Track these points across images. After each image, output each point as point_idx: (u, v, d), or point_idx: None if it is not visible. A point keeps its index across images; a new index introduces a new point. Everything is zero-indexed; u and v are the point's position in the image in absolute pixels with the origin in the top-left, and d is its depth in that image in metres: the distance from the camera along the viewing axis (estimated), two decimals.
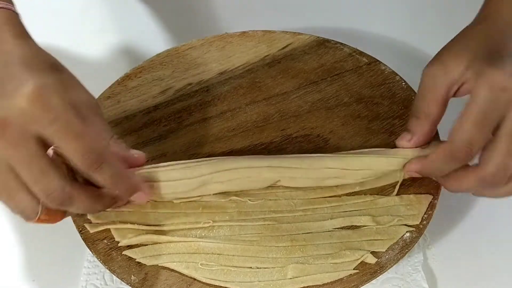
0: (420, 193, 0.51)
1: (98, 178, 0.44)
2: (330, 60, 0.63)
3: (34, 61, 0.43)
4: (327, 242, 0.49)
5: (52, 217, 0.45)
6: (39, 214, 0.43)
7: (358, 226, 0.50)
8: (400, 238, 0.49)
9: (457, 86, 0.47)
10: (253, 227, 0.50)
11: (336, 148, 0.55)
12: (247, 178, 0.50)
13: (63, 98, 0.41)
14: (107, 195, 0.46)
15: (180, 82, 0.62)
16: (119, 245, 0.49)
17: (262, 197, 0.52)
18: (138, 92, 0.62)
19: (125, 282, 0.48)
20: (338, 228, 0.50)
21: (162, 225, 0.50)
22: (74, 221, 0.51)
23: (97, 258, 0.49)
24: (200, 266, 0.48)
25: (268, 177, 0.50)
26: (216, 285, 0.47)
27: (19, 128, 0.40)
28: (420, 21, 0.74)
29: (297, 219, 0.50)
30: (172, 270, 0.48)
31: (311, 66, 0.63)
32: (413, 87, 0.58)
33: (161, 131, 0.58)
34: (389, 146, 0.52)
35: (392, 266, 0.48)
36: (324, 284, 0.47)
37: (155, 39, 0.73)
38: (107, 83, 0.62)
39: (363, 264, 0.48)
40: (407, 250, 0.48)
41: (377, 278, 0.48)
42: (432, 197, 0.50)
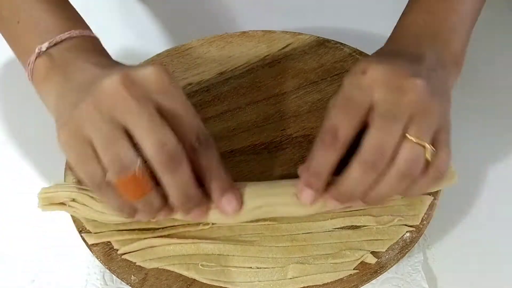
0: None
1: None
2: (330, 60, 0.63)
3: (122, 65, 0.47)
4: (327, 242, 0.49)
5: (137, 187, 0.42)
6: (136, 167, 0.41)
7: (358, 226, 0.50)
8: (400, 238, 0.49)
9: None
10: (253, 227, 0.50)
11: None
12: None
13: (178, 86, 0.44)
14: (199, 190, 0.45)
15: (180, 82, 0.62)
16: (119, 253, 0.49)
17: None
18: None
19: (125, 282, 0.48)
20: (338, 228, 0.50)
21: (161, 229, 0.50)
22: (74, 221, 0.51)
23: (97, 258, 0.49)
24: (201, 267, 0.48)
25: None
26: (217, 286, 0.47)
27: (145, 90, 0.42)
28: None
29: (297, 219, 0.50)
30: (173, 271, 0.48)
31: (311, 66, 0.63)
32: None
33: None
34: None
35: (392, 266, 0.48)
36: (324, 284, 0.47)
37: (155, 39, 0.73)
38: None
39: (363, 264, 0.48)
40: (407, 250, 0.48)
41: (377, 278, 0.48)
42: (433, 198, 0.51)
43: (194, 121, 0.44)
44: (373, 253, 0.48)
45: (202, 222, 0.50)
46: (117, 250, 0.49)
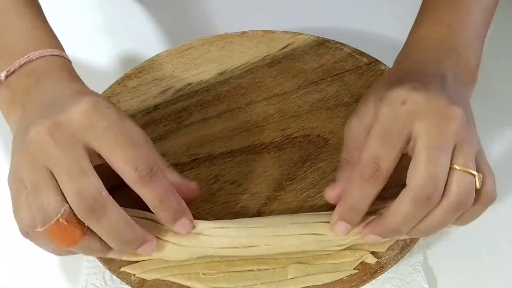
0: None
1: (147, 193, 0.42)
2: (330, 60, 0.63)
3: (90, 91, 0.46)
4: None
5: (66, 234, 0.41)
6: (59, 215, 0.40)
7: None
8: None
9: None
10: None
11: (336, 148, 0.55)
12: None
13: (118, 111, 0.43)
14: (139, 230, 0.43)
15: (180, 82, 0.62)
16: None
17: None
18: (138, 92, 0.62)
19: (125, 282, 0.48)
20: None
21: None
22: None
23: (97, 258, 0.49)
24: (202, 276, 0.48)
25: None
26: None
27: (71, 134, 0.41)
28: None
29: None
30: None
31: (311, 66, 0.63)
32: None
33: (161, 131, 0.58)
34: None
35: (392, 266, 0.48)
36: (324, 284, 0.47)
37: (155, 39, 0.73)
38: (107, 83, 0.62)
39: (363, 264, 0.48)
40: (407, 250, 0.48)
41: (377, 278, 0.48)
42: None
43: (133, 152, 0.42)
44: (373, 253, 0.48)
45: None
46: None
